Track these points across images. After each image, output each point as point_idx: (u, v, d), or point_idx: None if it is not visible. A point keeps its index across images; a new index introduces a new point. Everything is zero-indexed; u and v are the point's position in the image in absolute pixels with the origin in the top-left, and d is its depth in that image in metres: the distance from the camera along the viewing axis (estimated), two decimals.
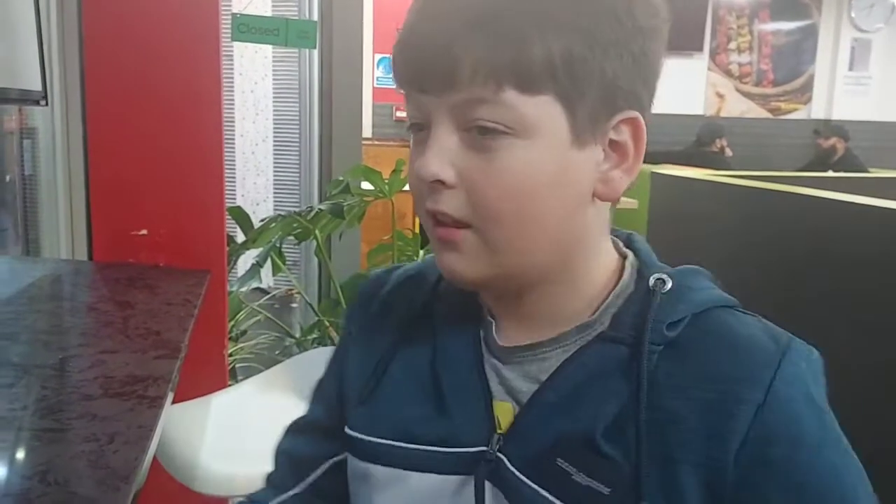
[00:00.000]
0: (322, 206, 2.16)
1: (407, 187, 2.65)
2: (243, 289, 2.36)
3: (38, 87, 1.63)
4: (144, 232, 1.62)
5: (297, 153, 3.92)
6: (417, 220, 3.19)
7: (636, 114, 0.56)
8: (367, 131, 5.24)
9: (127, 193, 1.65)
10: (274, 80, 4.61)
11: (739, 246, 2.16)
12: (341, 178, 2.35)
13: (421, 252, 2.66)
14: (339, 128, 2.95)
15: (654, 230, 2.68)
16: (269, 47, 4.53)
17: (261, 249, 2.33)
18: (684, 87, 5.94)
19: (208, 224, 1.73)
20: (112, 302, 1.31)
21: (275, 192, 4.83)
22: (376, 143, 5.06)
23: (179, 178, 1.66)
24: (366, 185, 2.54)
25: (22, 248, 2.23)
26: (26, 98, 1.60)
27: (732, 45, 6.02)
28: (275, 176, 4.75)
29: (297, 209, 2.43)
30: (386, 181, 2.33)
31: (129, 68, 1.62)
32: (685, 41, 5.87)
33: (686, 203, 2.47)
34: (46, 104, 1.67)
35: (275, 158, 4.71)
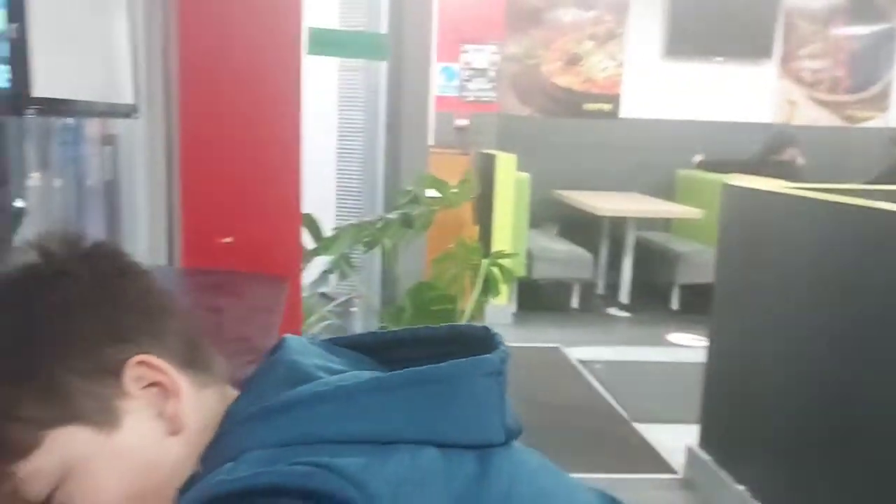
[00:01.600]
0: (392, 216, 2.20)
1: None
2: (325, 290, 2.42)
3: (129, 100, 1.71)
4: (230, 239, 1.68)
5: (359, 162, 3.98)
6: (478, 229, 3.20)
7: (139, 357, 0.59)
8: (429, 139, 5.29)
9: (214, 202, 1.71)
10: (339, 90, 4.70)
11: (812, 262, 2.12)
12: (409, 189, 2.39)
13: (485, 261, 2.68)
14: (406, 137, 3.00)
15: (724, 242, 2.66)
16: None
17: (330, 256, 2.39)
18: (752, 95, 5.84)
19: (286, 232, 1.79)
20: (204, 307, 1.37)
21: (337, 201, 4.93)
22: (437, 150, 5.10)
23: (261, 187, 1.72)
24: (431, 193, 2.58)
25: None
26: (117, 111, 1.68)
27: (804, 52, 5.89)
28: (337, 185, 4.84)
29: (360, 218, 2.49)
30: (453, 190, 2.36)
31: (220, 82, 1.69)
32: (752, 48, 5.78)
33: (758, 215, 2.44)
34: (137, 117, 1.76)
35: (337, 167, 4.80)
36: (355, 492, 0.51)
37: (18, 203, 1.60)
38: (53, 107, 1.26)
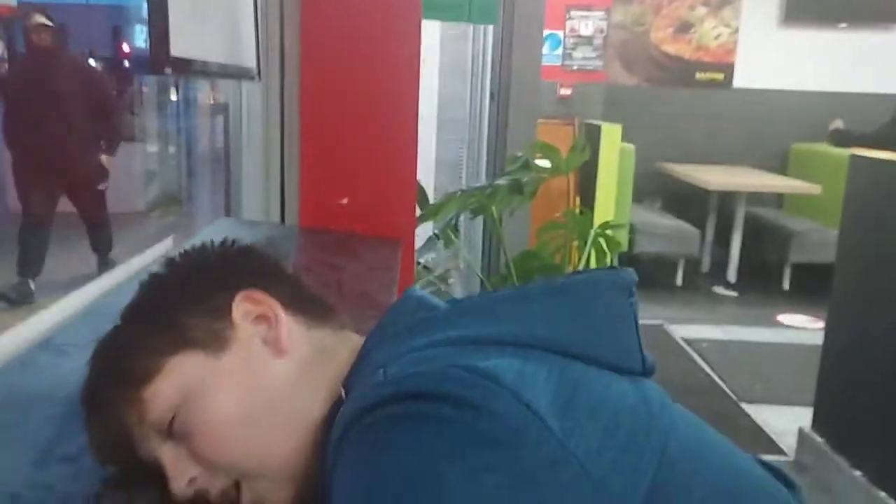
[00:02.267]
0: (501, 182, 2.19)
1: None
2: (420, 260, 2.44)
3: (253, 64, 1.75)
4: (345, 201, 1.71)
5: (460, 132, 3.97)
6: (579, 202, 3.14)
7: (244, 293, 0.68)
8: None
9: (333, 165, 1.74)
10: (441, 58, 4.69)
11: None
12: (520, 154, 2.36)
13: (593, 231, 2.64)
14: (514, 105, 2.97)
15: (848, 219, 2.52)
16: (436, 26, 4.62)
17: (437, 222, 2.40)
18: (878, 64, 5.48)
19: (401, 196, 1.80)
20: (324, 264, 1.40)
21: (437, 170, 4.94)
22: (540, 120, 5.03)
23: (379, 151, 1.74)
24: (539, 162, 2.55)
25: (224, 213, 2.42)
26: (243, 74, 1.73)
27: None
28: (437, 155, 4.85)
29: (459, 186, 2.48)
30: (564, 158, 2.33)
31: (340, 47, 1.71)
32: (879, 13, 5.41)
33: (889, 190, 2.29)
34: (259, 80, 1.80)
35: (438, 137, 4.81)
36: (514, 402, 0.51)
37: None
38: (189, 67, 1.30)
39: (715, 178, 4.87)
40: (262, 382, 0.64)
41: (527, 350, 0.56)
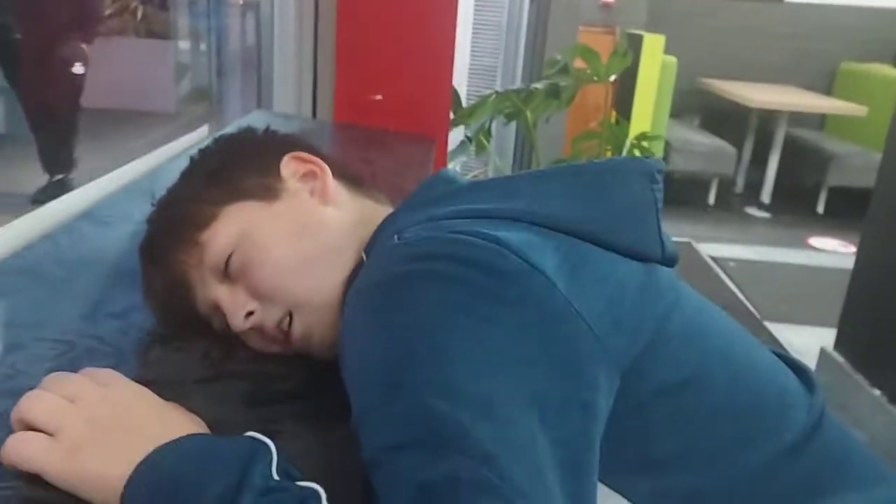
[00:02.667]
0: (538, 85, 2.16)
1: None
2: (451, 163, 2.44)
3: None
4: (379, 96, 1.71)
5: (495, 37, 3.89)
6: (615, 115, 3.11)
7: (291, 154, 0.74)
8: None
9: (368, 60, 1.73)
10: None
11: None
12: (559, 58, 2.32)
13: (627, 142, 2.61)
14: (556, 7, 2.89)
15: (893, 142, 2.45)
16: None
17: (471, 125, 2.38)
18: None
19: (436, 95, 1.79)
20: (357, 158, 1.41)
21: (469, 76, 4.85)
22: (582, 27, 4.90)
23: (416, 46, 1.72)
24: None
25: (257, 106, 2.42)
26: None
27: None
28: (472, 59, 4.75)
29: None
30: (604, 64, 2.28)
31: None
32: None
33: None
34: None
35: (473, 42, 4.70)
36: (521, 262, 0.53)
37: None
38: None
39: (757, 95, 4.74)
40: (311, 222, 0.70)
41: (540, 228, 0.58)
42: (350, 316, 0.58)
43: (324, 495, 0.46)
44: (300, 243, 0.68)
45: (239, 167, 0.72)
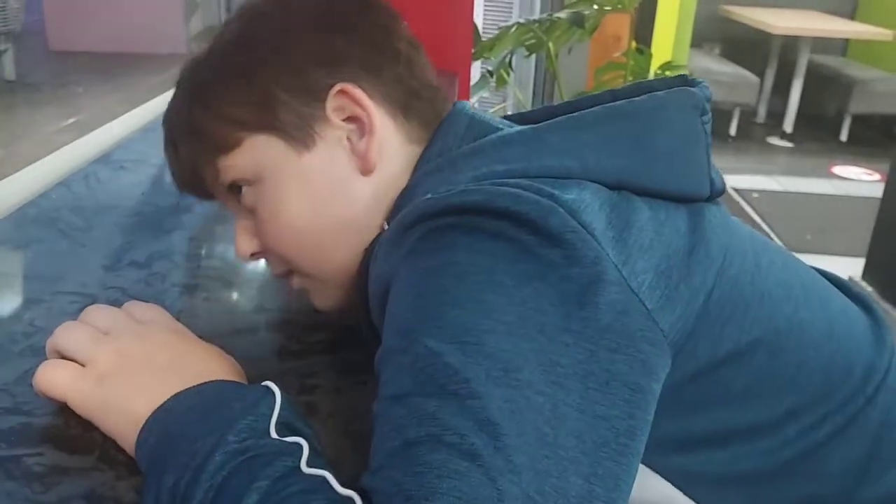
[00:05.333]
0: (561, 15, 2.07)
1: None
2: (473, 98, 2.37)
3: None
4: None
5: None
6: (635, 45, 3.03)
7: (341, 86, 0.58)
8: None
9: None
10: None
11: None
12: None
13: (651, 72, 2.52)
14: None
15: None
16: None
17: (492, 58, 2.30)
18: None
19: (458, 28, 1.71)
20: None
21: (486, 9, 4.71)
22: None
23: None
24: None
25: None
26: None
27: None
28: None
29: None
30: None
31: None
32: None
33: None
34: None
35: None
36: (570, 219, 0.46)
37: None
38: None
39: (780, 21, 4.58)
40: (336, 197, 0.60)
41: (580, 182, 0.51)
42: (380, 264, 0.53)
43: (306, 449, 0.42)
44: (316, 216, 0.59)
45: (281, 79, 0.58)
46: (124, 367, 0.50)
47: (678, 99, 0.56)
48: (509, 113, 3.19)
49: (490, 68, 2.31)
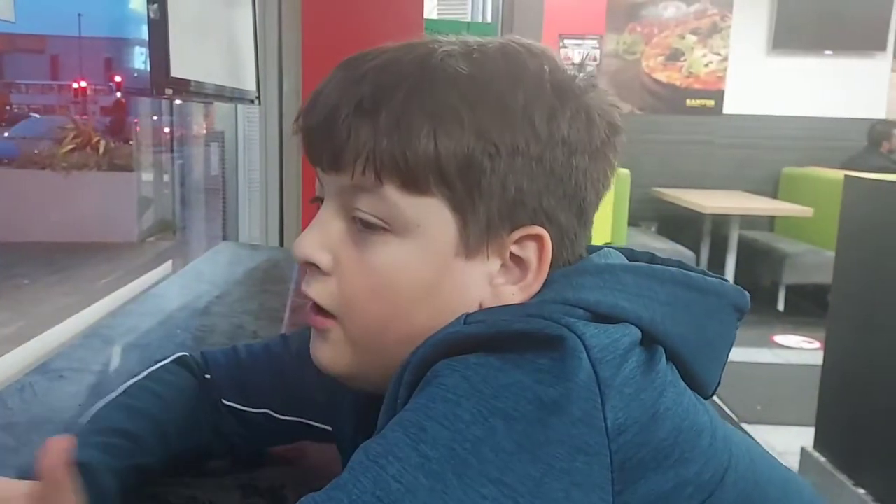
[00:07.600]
0: None
1: None
2: None
3: (253, 88, 1.76)
4: None
5: None
6: None
7: (541, 231, 0.52)
8: None
9: None
10: None
11: None
12: None
13: None
14: None
15: (844, 240, 2.52)
16: None
17: None
18: (864, 90, 5.55)
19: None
20: None
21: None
22: None
23: None
24: None
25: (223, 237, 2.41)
26: (244, 97, 1.73)
27: None
28: None
29: None
30: None
31: None
32: (865, 40, 5.49)
33: (883, 210, 2.30)
34: (259, 104, 1.80)
35: None
36: (589, 367, 0.44)
37: None
38: (188, 88, 1.30)
39: (709, 201, 4.90)
40: (451, 307, 0.52)
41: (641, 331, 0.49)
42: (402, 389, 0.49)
43: None
44: (423, 308, 0.52)
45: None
46: None
47: (731, 294, 0.57)
48: None
49: None
